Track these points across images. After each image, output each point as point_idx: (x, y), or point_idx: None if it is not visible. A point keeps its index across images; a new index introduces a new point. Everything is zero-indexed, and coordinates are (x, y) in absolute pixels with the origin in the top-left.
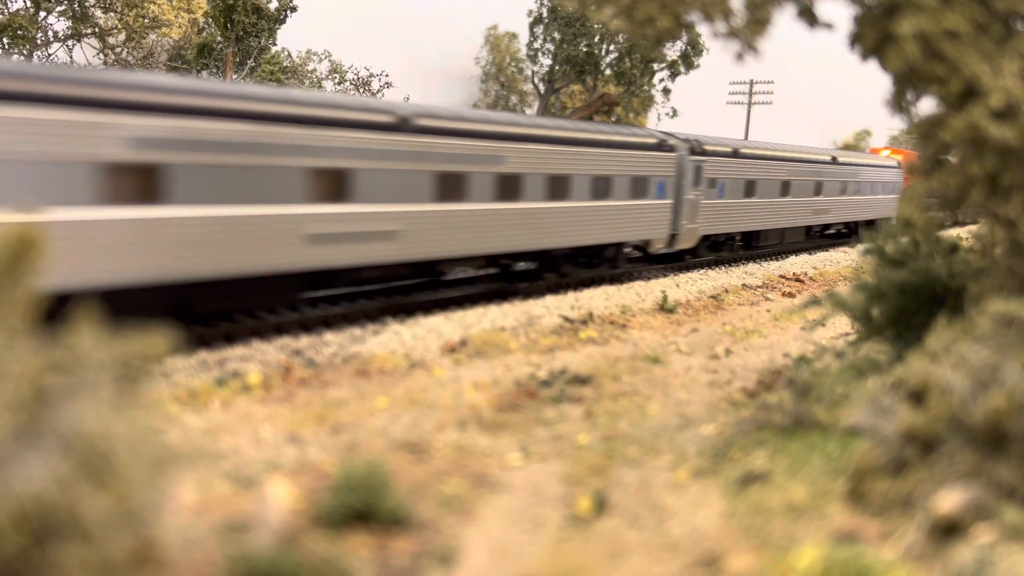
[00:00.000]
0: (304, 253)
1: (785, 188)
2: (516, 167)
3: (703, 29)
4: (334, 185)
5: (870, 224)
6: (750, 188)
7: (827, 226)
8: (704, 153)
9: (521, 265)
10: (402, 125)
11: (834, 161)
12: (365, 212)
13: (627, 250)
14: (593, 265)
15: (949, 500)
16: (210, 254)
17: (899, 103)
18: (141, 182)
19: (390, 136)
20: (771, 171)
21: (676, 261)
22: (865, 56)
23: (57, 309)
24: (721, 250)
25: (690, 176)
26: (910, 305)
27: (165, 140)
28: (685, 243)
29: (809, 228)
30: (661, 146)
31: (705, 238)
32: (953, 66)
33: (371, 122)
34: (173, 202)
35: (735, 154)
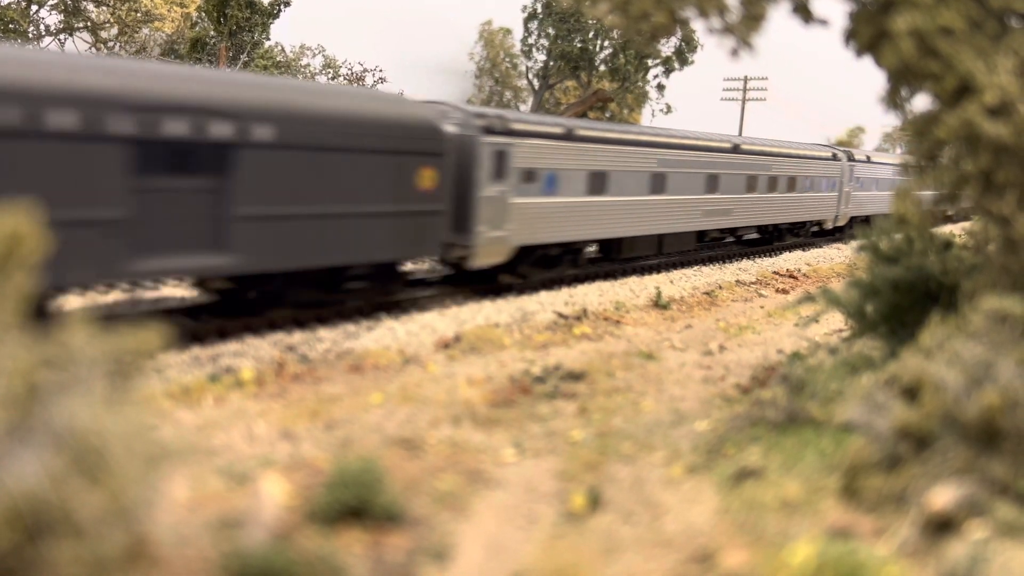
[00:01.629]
0: (701, 221)
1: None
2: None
3: (698, 25)
4: (714, 184)
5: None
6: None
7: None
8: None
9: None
10: (734, 150)
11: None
12: (722, 199)
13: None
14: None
15: (943, 496)
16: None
17: (893, 100)
18: (660, 183)
19: (730, 156)
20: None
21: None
22: (860, 53)
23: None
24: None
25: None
26: (904, 302)
27: (668, 161)
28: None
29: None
30: (835, 155)
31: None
32: (948, 63)
33: (722, 147)
34: (667, 193)
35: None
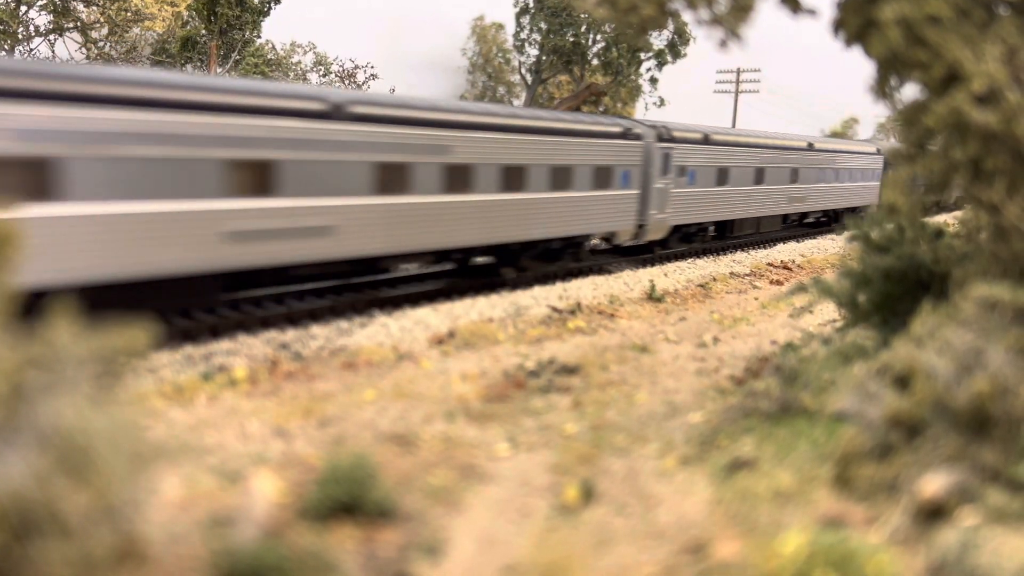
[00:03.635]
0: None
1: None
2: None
3: (688, 17)
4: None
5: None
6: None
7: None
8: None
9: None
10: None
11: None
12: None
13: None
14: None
15: (934, 484)
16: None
17: (882, 89)
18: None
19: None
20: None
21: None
22: (849, 42)
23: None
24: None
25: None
26: (895, 291)
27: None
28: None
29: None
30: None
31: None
32: (936, 51)
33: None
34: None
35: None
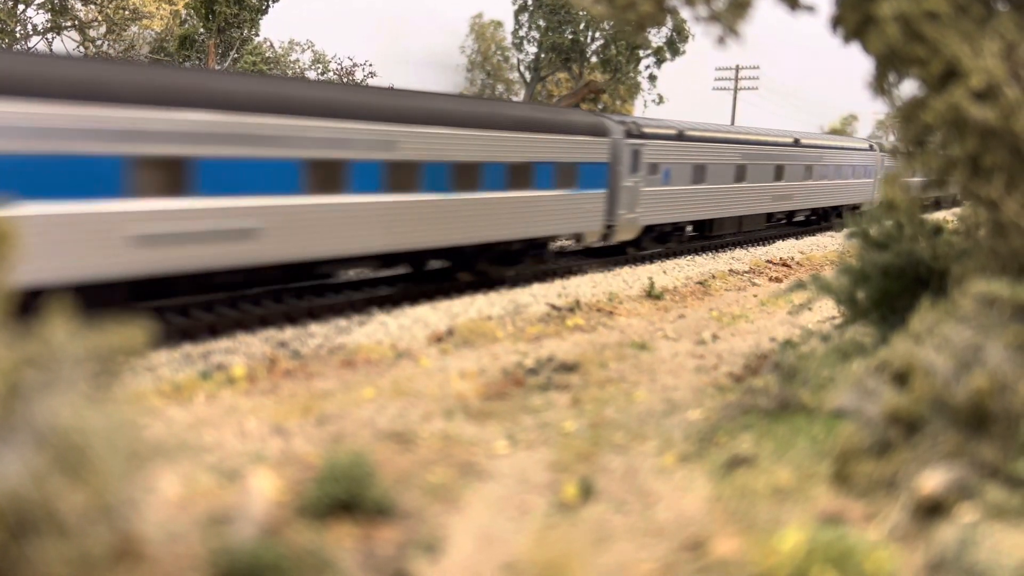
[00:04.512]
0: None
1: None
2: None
3: (686, 14)
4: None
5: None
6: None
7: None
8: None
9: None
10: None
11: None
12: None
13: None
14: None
15: (932, 480)
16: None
17: (881, 86)
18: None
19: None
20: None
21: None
22: (847, 39)
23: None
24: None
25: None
26: (894, 287)
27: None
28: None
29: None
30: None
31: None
32: (934, 47)
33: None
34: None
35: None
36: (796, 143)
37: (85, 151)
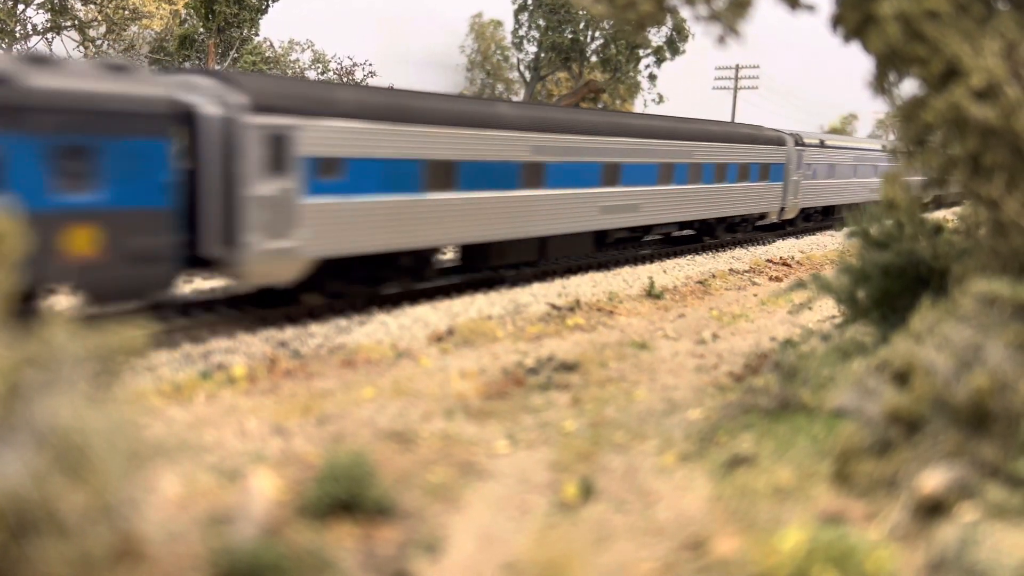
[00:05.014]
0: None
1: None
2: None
3: (686, 13)
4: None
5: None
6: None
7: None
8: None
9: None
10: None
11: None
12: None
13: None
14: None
15: (933, 480)
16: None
17: (881, 85)
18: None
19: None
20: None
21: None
22: (847, 38)
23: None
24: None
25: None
26: (894, 287)
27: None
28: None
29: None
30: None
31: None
32: (934, 47)
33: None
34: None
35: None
36: (884, 149)
37: (577, 160)
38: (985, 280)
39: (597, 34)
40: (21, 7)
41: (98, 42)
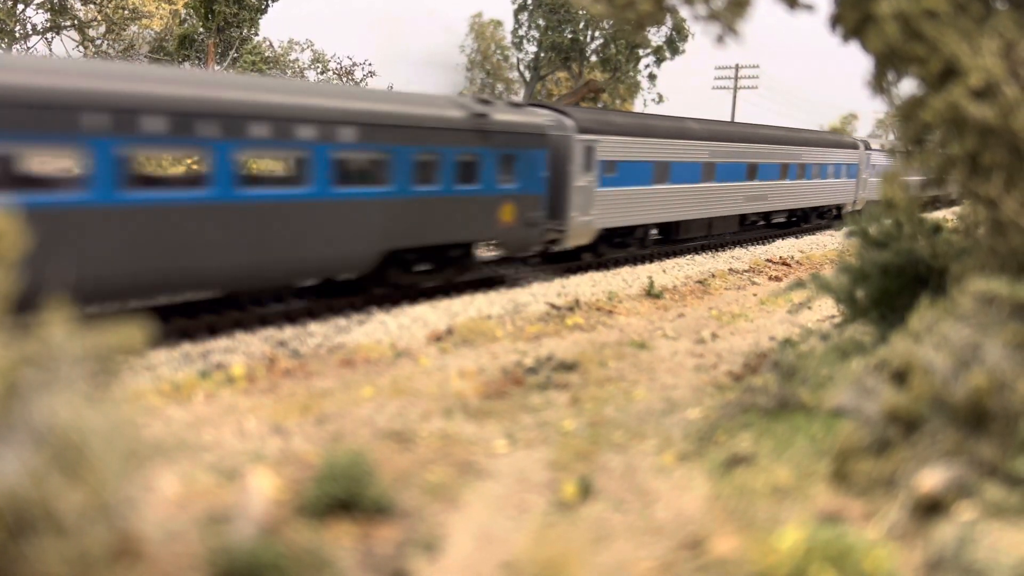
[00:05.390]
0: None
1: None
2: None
3: (685, 13)
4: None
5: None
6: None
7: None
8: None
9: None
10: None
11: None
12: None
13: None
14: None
15: (931, 478)
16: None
17: (880, 84)
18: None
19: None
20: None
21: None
22: (846, 37)
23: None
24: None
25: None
26: (893, 286)
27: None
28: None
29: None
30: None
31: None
32: (933, 46)
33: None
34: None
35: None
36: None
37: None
38: (984, 279)
39: (597, 34)
40: (21, 7)
41: (97, 42)
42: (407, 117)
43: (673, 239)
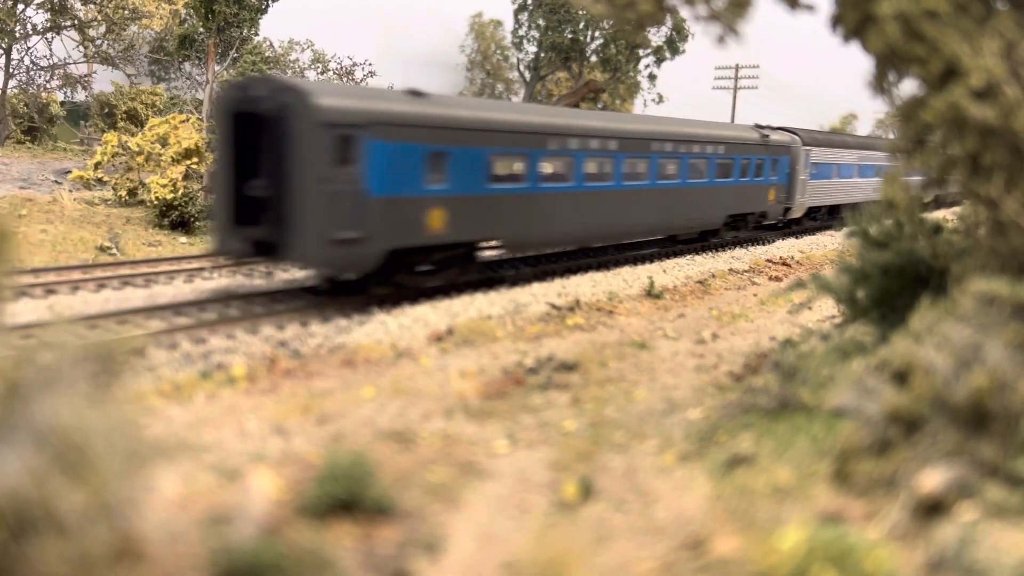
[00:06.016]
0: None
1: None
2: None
3: (686, 13)
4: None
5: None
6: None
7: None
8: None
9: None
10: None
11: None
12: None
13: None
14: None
15: (932, 479)
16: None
17: (880, 85)
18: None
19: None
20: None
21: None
22: (847, 38)
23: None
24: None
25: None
26: (894, 286)
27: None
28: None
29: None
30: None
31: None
32: (933, 46)
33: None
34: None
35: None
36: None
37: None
38: (984, 279)
39: (597, 34)
40: (21, 7)
41: (97, 42)
42: (740, 139)
43: (836, 216)
